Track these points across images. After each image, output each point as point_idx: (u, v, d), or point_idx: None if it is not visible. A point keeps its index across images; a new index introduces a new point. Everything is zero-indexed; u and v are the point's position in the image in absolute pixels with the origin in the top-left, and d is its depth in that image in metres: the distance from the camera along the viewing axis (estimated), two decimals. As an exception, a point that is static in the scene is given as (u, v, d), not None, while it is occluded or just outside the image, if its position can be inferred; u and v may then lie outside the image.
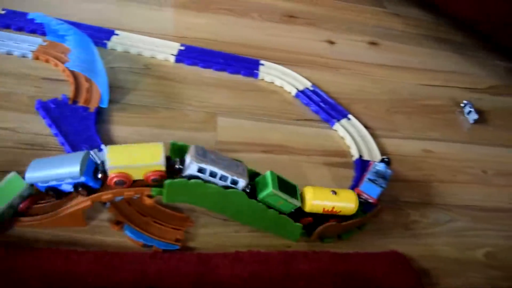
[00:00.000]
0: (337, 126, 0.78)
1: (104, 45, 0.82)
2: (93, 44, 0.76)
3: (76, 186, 0.52)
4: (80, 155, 0.52)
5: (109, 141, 0.66)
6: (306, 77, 0.87)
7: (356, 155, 0.74)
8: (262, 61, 0.87)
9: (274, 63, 0.88)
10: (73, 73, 0.74)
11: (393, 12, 1.19)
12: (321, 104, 0.82)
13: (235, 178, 0.53)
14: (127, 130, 0.69)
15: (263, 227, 0.61)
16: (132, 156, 0.52)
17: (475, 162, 0.82)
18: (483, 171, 0.81)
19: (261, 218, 0.59)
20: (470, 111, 0.90)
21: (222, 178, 0.53)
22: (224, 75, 0.83)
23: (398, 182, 0.73)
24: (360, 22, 1.11)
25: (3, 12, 0.83)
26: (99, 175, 0.51)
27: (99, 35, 0.83)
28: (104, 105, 0.70)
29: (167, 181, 0.53)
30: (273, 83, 0.84)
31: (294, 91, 0.83)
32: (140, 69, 0.80)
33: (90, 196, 0.54)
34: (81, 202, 0.54)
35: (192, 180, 0.53)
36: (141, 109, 0.73)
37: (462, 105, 0.93)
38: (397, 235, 0.66)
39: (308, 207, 0.58)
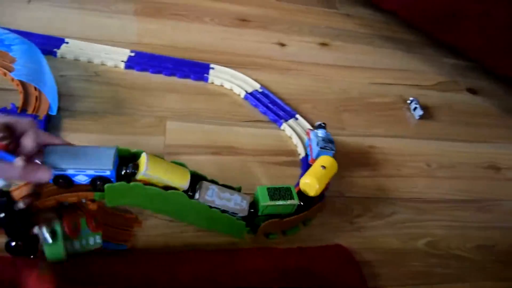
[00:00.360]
0: (284, 126, 0.80)
1: (54, 54, 0.82)
2: (41, 53, 0.77)
3: (95, 179, 0.53)
4: (111, 150, 0.53)
5: None
6: (256, 79, 0.89)
7: (302, 154, 0.77)
8: (212, 65, 0.89)
9: (225, 66, 0.90)
10: (22, 82, 0.75)
11: (344, 13, 1.21)
12: (269, 105, 0.84)
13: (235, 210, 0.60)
14: (77, 137, 0.70)
15: (208, 227, 0.63)
16: (166, 172, 0.56)
17: (420, 156, 0.86)
18: (427, 164, 0.85)
19: (205, 218, 0.61)
20: (415, 107, 0.94)
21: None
22: (174, 80, 0.85)
23: (343, 178, 0.76)
24: (311, 24, 1.13)
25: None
26: (123, 172, 0.54)
27: (49, 44, 0.83)
28: (53, 112, 0.71)
29: (107, 185, 0.54)
30: (222, 86, 0.86)
31: (243, 94, 0.85)
32: (90, 76, 0.81)
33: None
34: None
35: (132, 183, 0.55)
36: (91, 115, 0.74)
37: (408, 101, 0.97)
38: (342, 229, 0.69)
39: (315, 192, 0.64)
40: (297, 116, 0.83)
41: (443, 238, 0.72)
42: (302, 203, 0.64)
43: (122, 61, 0.84)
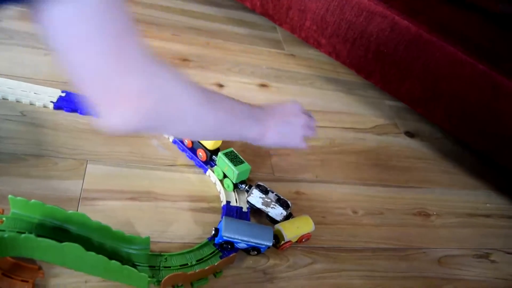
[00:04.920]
0: (209, 172, 0.80)
1: (-18, 92, 0.82)
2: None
3: (252, 248, 0.70)
4: (269, 230, 0.70)
5: None
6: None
7: (224, 201, 0.77)
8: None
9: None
10: None
11: (290, 53, 1.23)
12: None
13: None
14: (-6, 180, 0.70)
15: (109, 277, 0.61)
16: (297, 228, 0.73)
17: (347, 202, 0.86)
18: (354, 211, 0.85)
19: (104, 269, 0.60)
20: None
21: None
22: (103, 121, 0.85)
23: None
24: (253, 64, 1.14)
25: None
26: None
27: (-23, 82, 0.83)
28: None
29: (-4, 237, 0.54)
30: (151, 128, 0.87)
31: (171, 138, 0.84)
32: (16, 117, 0.80)
33: None
34: None
35: (24, 235, 0.54)
36: (7, 158, 0.73)
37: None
38: (254, 280, 0.68)
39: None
40: (224, 160, 0.84)
41: (363, 290, 0.73)
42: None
43: (51, 101, 0.83)
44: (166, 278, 0.62)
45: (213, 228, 0.70)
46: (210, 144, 0.79)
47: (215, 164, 0.80)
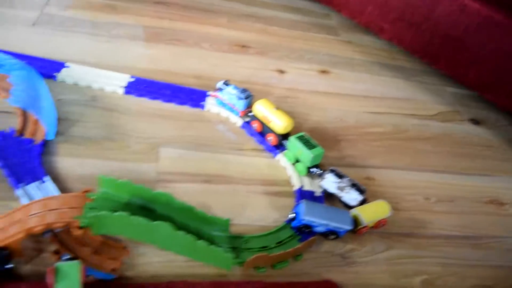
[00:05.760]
0: (279, 156, 0.80)
1: (54, 78, 0.83)
2: (41, 78, 0.78)
3: (330, 232, 0.68)
4: (348, 214, 0.70)
5: (53, 173, 0.67)
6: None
7: (296, 185, 0.76)
8: (209, 92, 0.89)
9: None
10: (19, 106, 0.76)
11: (346, 40, 1.21)
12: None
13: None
14: (70, 162, 0.70)
15: (195, 257, 0.62)
16: (374, 213, 0.72)
17: (418, 189, 0.84)
18: (425, 198, 0.83)
19: (191, 249, 0.60)
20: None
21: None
22: (171, 107, 0.85)
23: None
24: (311, 51, 1.13)
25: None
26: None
27: (50, 68, 0.84)
28: (50, 137, 0.72)
29: (93, 214, 0.54)
30: (219, 114, 0.86)
31: (240, 122, 0.85)
32: (87, 101, 0.81)
33: (24, 228, 0.55)
34: (17, 233, 0.55)
35: (118, 213, 0.55)
36: (84, 140, 0.74)
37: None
38: (333, 264, 0.67)
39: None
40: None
41: (440, 276, 0.70)
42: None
43: (121, 86, 0.84)
44: (252, 258, 0.61)
45: (292, 211, 0.70)
46: (280, 128, 0.79)
47: (285, 149, 0.80)
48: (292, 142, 0.77)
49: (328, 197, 0.76)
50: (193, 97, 0.87)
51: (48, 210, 0.57)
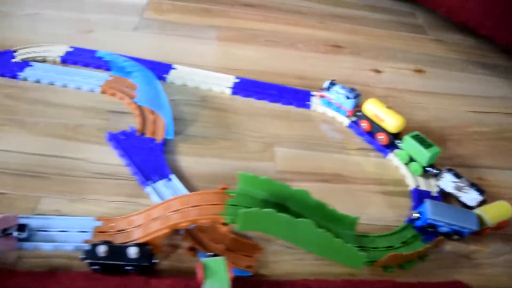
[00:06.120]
0: (391, 155, 0.80)
1: (164, 79, 0.87)
2: (157, 79, 0.81)
3: (454, 232, 0.67)
4: (473, 214, 0.69)
5: (176, 171, 0.70)
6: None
7: (412, 185, 0.75)
8: (314, 92, 0.90)
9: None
10: (138, 106, 0.79)
11: (435, 39, 1.20)
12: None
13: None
14: (190, 160, 0.73)
15: (327, 255, 0.62)
16: (497, 214, 0.70)
17: (532, 190, 0.83)
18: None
19: (326, 246, 0.60)
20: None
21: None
22: (278, 107, 0.86)
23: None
24: (403, 50, 1.12)
25: (71, 49, 0.90)
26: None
27: (158, 70, 0.87)
28: (170, 136, 0.74)
29: (242, 211, 0.56)
30: (325, 113, 0.87)
31: (346, 122, 0.85)
32: (198, 101, 0.84)
33: (168, 224, 0.57)
34: (161, 229, 0.58)
35: (266, 210, 0.56)
36: (201, 139, 0.77)
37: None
38: (460, 265, 0.66)
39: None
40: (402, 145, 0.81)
41: None
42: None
43: (227, 87, 0.87)
44: (385, 257, 0.61)
45: (416, 210, 0.69)
46: (393, 127, 0.79)
47: (397, 148, 0.80)
48: (407, 141, 0.76)
49: (444, 197, 0.75)
50: (298, 97, 0.88)
51: (190, 207, 0.60)
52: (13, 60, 0.86)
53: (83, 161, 0.70)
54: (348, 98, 0.82)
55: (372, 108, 0.80)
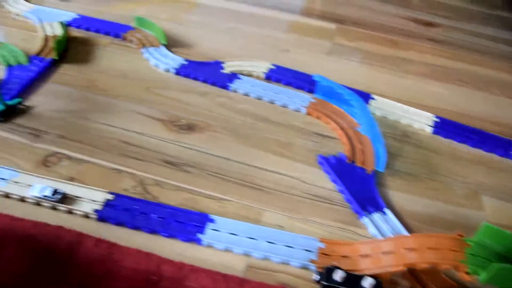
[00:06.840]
0: None
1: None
2: (369, 109, 0.84)
3: None
4: None
5: (388, 205, 0.71)
6: None
7: None
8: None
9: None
10: (346, 133, 0.82)
11: None
12: None
13: None
14: (400, 196, 0.73)
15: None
16: None
17: None
18: None
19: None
20: None
21: None
22: (480, 152, 0.85)
23: None
24: None
25: (273, 67, 0.96)
26: None
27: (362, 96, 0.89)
28: (381, 169, 0.75)
29: (496, 264, 0.55)
30: (532, 167, 0.85)
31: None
32: (400, 136, 0.85)
33: (404, 262, 0.57)
34: (395, 265, 0.58)
35: (516, 267, 0.55)
36: (406, 176, 0.77)
37: None
38: None
39: None
40: None
41: None
42: None
43: (428, 125, 0.87)
44: None
45: None
46: None
47: None
48: None
49: None
50: (500, 145, 0.85)
51: (427, 248, 0.61)
52: (222, 71, 0.94)
53: (298, 180, 0.73)
54: None
55: None
